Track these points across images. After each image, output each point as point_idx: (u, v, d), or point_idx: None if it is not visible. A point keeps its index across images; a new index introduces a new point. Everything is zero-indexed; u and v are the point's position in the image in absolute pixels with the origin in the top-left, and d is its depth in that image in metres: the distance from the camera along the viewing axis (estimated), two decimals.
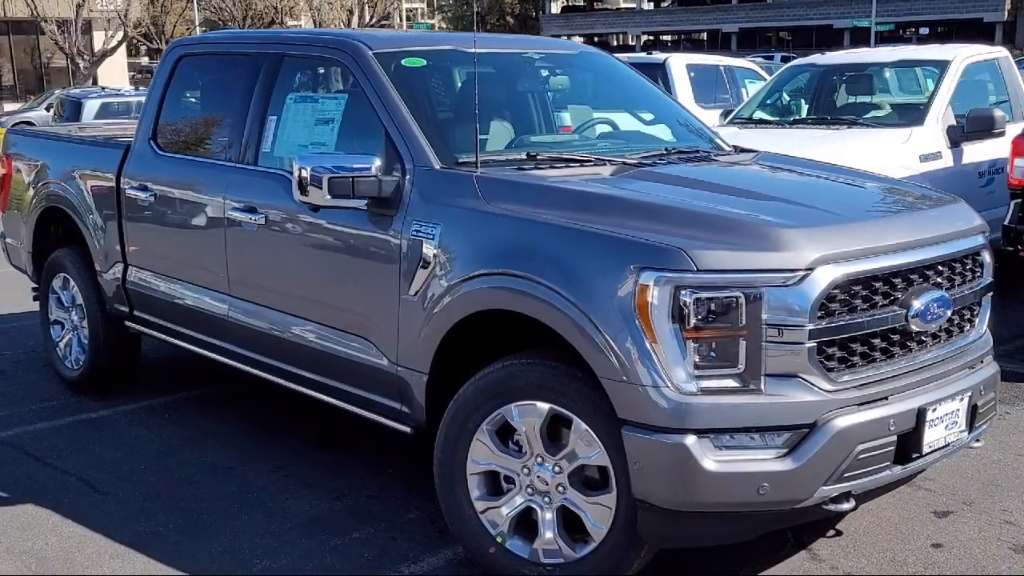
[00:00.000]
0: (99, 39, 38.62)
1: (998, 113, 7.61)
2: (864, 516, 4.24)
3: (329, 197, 3.89)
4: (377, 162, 3.93)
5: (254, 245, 4.61)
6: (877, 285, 3.37)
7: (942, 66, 8.10)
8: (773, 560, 3.93)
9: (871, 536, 4.11)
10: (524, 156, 4.18)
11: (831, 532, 4.12)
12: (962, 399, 3.60)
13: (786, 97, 9.17)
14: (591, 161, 4.20)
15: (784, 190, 4.06)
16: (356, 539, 4.14)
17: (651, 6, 63.37)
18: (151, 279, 5.37)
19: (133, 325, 5.69)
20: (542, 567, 3.60)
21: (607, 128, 4.89)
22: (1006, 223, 6.89)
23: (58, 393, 6.12)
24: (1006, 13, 48.42)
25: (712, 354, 3.19)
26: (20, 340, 7.37)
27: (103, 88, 27.49)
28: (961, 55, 8.26)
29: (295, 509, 4.42)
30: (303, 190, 3.92)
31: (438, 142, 4.05)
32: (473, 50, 4.37)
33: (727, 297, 3.16)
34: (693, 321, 3.15)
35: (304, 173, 3.89)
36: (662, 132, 4.89)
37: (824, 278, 3.22)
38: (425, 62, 4.48)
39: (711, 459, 3.16)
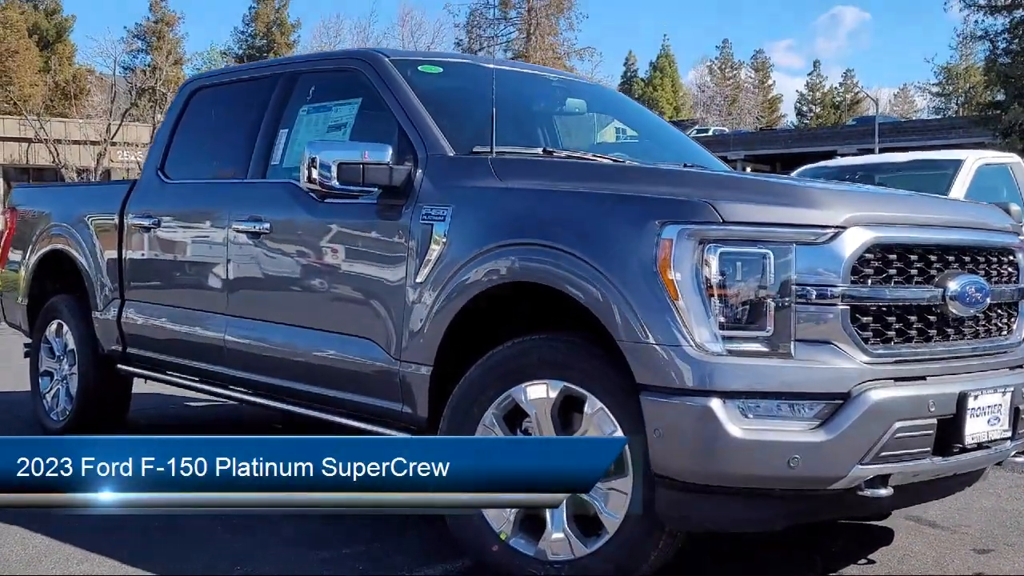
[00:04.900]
0: None
1: (1014, 207, 7.46)
2: (897, 550, 3.92)
3: (337, 183, 3.75)
4: (389, 151, 3.81)
5: (256, 256, 4.44)
6: (912, 258, 3.18)
7: (955, 165, 8.08)
8: None
9: (906, 565, 3.77)
10: (540, 152, 4.07)
11: (862, 560, 3.79)
12: (1004, 393, 3.35)
13: None
14: (607, 160, 4.08)
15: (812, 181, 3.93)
16: (346, 554, 3.81)
17: None
18: (147, 311, 5.17)
19: (126, 367, 5.46)
20: (549, 565, 3.28)
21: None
22: None
23: None
24: None
25: (738, 315, 2.99)
26: (5, 407, 7.10)
27: None
28: (973, 156, 8.27)
29: (280, 529, 4.08)
30: (311, 178, 3.79)
31: (452, 133, 3.94)
32: (491, 66, 4.32)
33: (754, 253, 2.98)
34: (718, 278, 2.97)
35: (315, 163, 3.77)
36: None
37: (856, 239, 3.04)
38: (441, 69, 4.43)
39: (737, 426, 2.91)
